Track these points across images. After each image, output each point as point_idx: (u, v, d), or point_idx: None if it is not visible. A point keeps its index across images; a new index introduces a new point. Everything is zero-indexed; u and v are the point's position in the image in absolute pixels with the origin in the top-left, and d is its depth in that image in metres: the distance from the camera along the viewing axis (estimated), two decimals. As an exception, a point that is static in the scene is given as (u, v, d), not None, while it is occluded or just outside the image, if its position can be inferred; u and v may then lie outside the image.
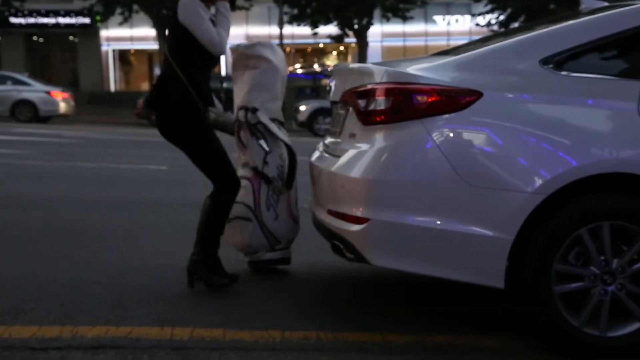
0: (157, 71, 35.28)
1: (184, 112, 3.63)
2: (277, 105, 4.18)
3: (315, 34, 28.27)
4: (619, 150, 2.91)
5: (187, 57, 3.62)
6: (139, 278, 3.97)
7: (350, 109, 3.39)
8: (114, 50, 36.57)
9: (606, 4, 3.55)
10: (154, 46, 31.38)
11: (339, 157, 3.34)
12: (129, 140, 14.64)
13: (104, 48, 36.01)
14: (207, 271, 3.80)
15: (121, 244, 4.81)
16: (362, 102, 3.22)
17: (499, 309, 3.56)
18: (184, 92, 3.61)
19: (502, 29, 25.51)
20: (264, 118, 4.08)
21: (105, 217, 5.84)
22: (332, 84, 3.84)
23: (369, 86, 3.18)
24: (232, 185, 3.77)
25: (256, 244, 4.14)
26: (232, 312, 3.44)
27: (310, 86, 23.55)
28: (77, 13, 33.67)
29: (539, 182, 2.88)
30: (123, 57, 37.37)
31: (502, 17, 27.60)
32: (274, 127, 4.11)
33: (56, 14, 33.84)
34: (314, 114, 19.46)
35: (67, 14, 33.94)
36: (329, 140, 3.79)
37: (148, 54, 36.86)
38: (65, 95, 21.59)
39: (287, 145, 4.17)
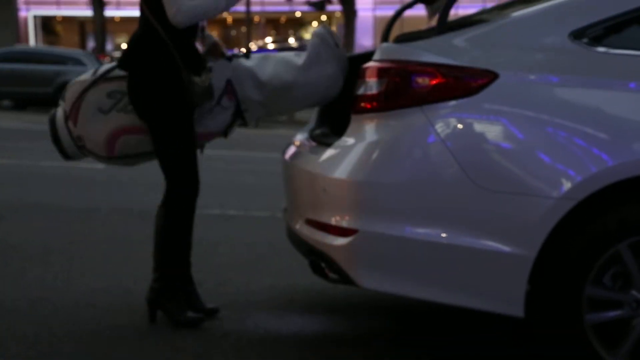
0: (90, 43, 35.11)
1: (163, 75, 3.61)
2: None
3: (291, 0, 28.26)
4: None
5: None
6: (65, 305, 3.95)
7: (334, 92, 3.42)
8: (35, 17, 36.37)
9: None
10: (87, 12, 31.20)
11: (319, 153, 3.36)
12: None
13: (22, 13, 35.80)
14: (174, 303, 3.72)
15: (42, 262, 4.78)
16: (348, 85, 3.24)
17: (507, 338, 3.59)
18: (165, 52, 3.60)
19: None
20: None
21: (22, 227, 5.79)
22: (312, 62, 3.85)
23: (358, 64, 3.21)
24: (192, 185, 3.72)
25: None
26: (185, 349, 3.45)
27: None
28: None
29: (567, 185, 2.91)
30: (47, 25, 37.17)
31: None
32: None
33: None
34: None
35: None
36: (307, 132, 3.80)
37: (79, 23, 36.68)
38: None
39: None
